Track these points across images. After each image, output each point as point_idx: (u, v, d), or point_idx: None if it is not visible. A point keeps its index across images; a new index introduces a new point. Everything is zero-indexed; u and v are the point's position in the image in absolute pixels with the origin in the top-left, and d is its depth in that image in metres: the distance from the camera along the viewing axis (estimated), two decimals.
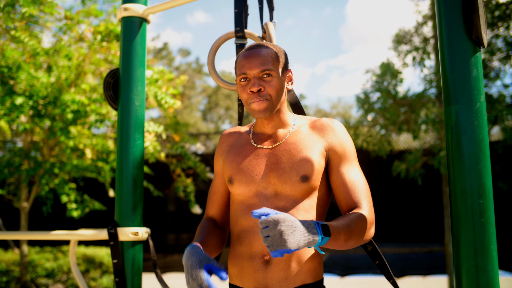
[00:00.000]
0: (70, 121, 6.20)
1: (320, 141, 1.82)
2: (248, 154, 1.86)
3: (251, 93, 1.79)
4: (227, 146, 1.95)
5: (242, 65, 1.81)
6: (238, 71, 1.83)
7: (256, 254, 1.74)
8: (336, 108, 38.42)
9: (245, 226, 1.78)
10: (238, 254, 1.79)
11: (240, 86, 1.83)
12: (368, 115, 7.71)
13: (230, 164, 1.87)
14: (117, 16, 2.65)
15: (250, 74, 1.79)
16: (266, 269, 1.72)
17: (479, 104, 1.60)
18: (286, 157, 1.80)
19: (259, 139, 1.89)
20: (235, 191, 1.83)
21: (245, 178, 1.81)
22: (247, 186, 1.80)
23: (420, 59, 7.84)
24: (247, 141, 1.91)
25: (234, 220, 1.84)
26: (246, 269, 1.75)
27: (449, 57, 1.64)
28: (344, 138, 1.84)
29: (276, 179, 1.77)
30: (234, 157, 1.88)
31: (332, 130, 1.84)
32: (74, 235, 2.83)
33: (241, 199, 1.82)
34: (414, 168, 7.29)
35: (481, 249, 1.55)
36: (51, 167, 6.52)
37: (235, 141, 1.95)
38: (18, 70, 5.93)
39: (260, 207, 1.75)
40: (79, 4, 6.79)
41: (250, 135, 1.92)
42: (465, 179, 1.59)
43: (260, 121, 1.89)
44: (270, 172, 1.79)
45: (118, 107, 2.59)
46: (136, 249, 2.44)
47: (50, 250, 9.27)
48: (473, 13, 1.59)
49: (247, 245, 1.76)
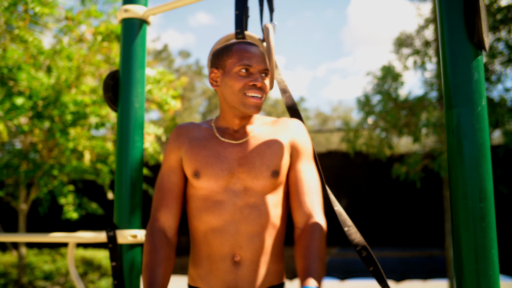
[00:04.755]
0: (69, 123, 6.19)
1: (285, 137, 1.85)
2: (214, 147, 1.79)
3: (253, 87, 1.77)
4: (187, 139, 1.84)
5: (247, 56, 1.79)
6: (239, 61, 1.78)
7: (226, 255, 1.70)
8: (337, 111, 38.43)
9: (214, 225, 1.71)
10: (206, 255, 1.72)
11: (238, 75, 1.77)
12: (368, 118, 7.70)
13: (195, 157, 1.78)
14: (117, 17, 2.65)
15: (255, 68, 1.79)
16: (237, 270, 1.70)
17: (480, 108, 1.59)
18: (255, 151, 1.79)
19: (225, 134, 1.84)
20: (201, 185, 1.75)
21: (213, 172, 1.74)
22: (216, 181, 1.74)
23: (421, 62, 7.84)
24: (211, 135, 1.84)
25: (197, 219, 1.76)
26: (215, 271, 1.70)
27: (451, 61, 1.63)
28: (305, 136, 1.90)
29: (246, 174, 1.75)
30: (199, 150, 1.80)
31: (295, 127, 1.89)
32: (73, 237, 2.82)
33: (207, 195, 1.75)
34: (414, 171, 7.28)
35: (482, 253, 1.54)
36: (50, 169, 6.51)
37: (195, 134, 1.86)
38: (19, 71, 5.93)
39: (229, 204, 1.72)
40: (80, 5, 6.79)
41: (214, 130, 1.86)
42: (466, 183, 1.57)
43: (231, 116, 1.83)
44: (239, 167, 1.76)
45: (117, 109, 2.58)
46: (135, 251, 2.43)
47: (48, 252, 9.27)
48: (475, 16, 1.58)
49: (217, 246, 1.70)
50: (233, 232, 1.71)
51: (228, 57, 1.81)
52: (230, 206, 1.72)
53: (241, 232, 1.71)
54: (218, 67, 1.84)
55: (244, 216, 1.72)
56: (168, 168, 1.85)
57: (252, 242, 1.72)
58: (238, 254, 1.71)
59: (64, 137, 6.24)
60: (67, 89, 6.31)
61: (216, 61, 1.85)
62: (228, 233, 1.70)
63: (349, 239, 1.93)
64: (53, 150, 6.93)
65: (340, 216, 1.98)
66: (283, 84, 2.20)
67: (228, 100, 1.80)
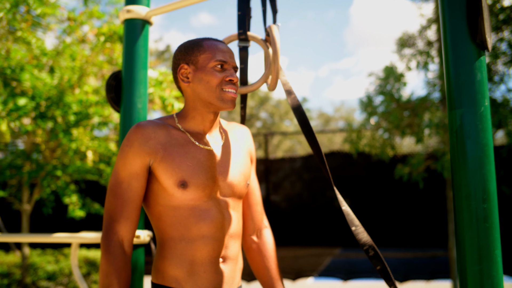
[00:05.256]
0: (72, 123, 6.20)
1: (246, 146, 1.96)
2: (196, 155, 1.76)
3: (229, 82, 1.79)
4: (159, 144, 1.73)
5: (222, 51, 1.81)
6: (214, 56, 1.79)
7: (216, 257, 1.75)
8: (339, 112, 38.39)
9: (205, 232, 1.72)
10: (190, 259, 1.72)
11: (215, 71, 1.78)
12: (371, 119, 7.69)
13: (178, 166, 1.71)
14: (119, 18, 2.65)
15: (229, 64, 1.82)
16: (222, 270, 1.76)
17: (483, 108, 1.59)
18: (231, 160, 1.84)
19: (199, 139, 1.81)
20: (187, 196, 1.72)
21: (201, 181, 1.73)
22: (204, 190, 1.73)
23: (423, 62, 7.82)
24: (186, 141, 1.77)
25: (185, 227, 1.72)
26: (202, 273, 1.72)
27: (453, 61, 1.63)
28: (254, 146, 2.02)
29: (225, 182, 1.79)
30: (182, 158, 1.73)
31: (249, 136, 2.01)
32: (76, 238, 2.82)
33: (193, 204, 1.73)
34: (417, 172, 7.27)
35: (485, 254, 1.53)
36: (53, 169, 6.52)
37: (167, 138, 1.75)
38: (22, 71, 5.94)
39: (215, 211, 1.75)
40: (82, 6, 6.80)
41: (188, 135, 1.80)
42: (469, 183, 1.57)
43: (204, 115, 1.82)
44: (219, 175, 1.79)
45: (120, 110, 2.58)
46: (138, 252, 2.43)
47: (51, 252, 9.28)
48: (478, 16, 1.58)
49: (208, 251, 1.73)
50: (221, 237, 1.75)
51: (201, 53, 1.81)
52: (217, 213, 1.76)
53: (227, 235, 1.77)
54: (189, 63, 1.81)
55: (228, 221, 1.78)
56: (129, 174, 1.71)
57: (234, 243, 1.81)
58: (224, 255, 1.77)
59: (67, 137, 6.25)
60: (70, 90, 6.32)
61: (186, 56, 1.82)
62: (218, 238, 1.75)
63: (356, 238, 1.95)
64: (56, 151, 6.95)
65: (348, 216, 2.00)
66: (288, 85, 2.20)
67: (203, 96, 1.79)
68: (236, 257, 1.81)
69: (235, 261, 1.81)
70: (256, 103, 30.60)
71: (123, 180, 1.71)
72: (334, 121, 37.39)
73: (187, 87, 1.82)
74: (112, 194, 1.72)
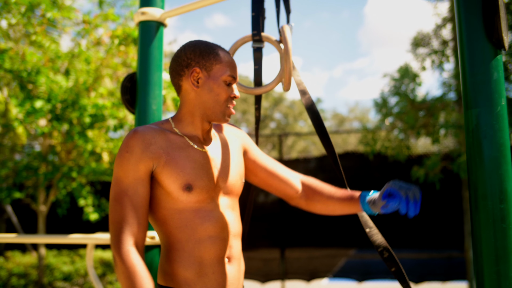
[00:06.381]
0: (87, 125, 6.25)
1: (236, 143, 1.96)
2: (197, 158, 1.76)
3: (233, 99, 1.81)
4: (160, 149, 1.71)
5: (233, 66, 1.81)
6: (229, 71, 1.79)
7: (222, 257, 1.75)
8: (354, 112, 38.25)
9: (211, 233, 1.72)
10: (199, 261, 1.71)
11: (225, 85, 1.78)
12: (386, 119, 7.66)
13: (182, 169, 1.70)
14: (134, 20, 2.67)
15: (236, 80, 1.84)
16: (228, 269, 1.76)
17: (500, 108, 1.57)
18: (226, 161, 1.85)
19: (196, 142, 1.80)
20: (192, 198, 1.71)
21: (204, 184, 1.73)
22: (207, 192, 1.74)
23: (439, 62, 7.77)
24: (186, 144, 1.76)
25: (191, 229, 1.71)
26: (211, 275, 1.72)
27: (469, 60, 1.62)
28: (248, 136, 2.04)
29: (224, 183, 1.81)
30: (185, 161, 1.72)
31: (239, 131, 2.02)
32: (92, 238, 2.84)
33: (198, 206, 1.73)
34: (433, 173, 7.22)
35: (502, 255, 1.52)
36: (69, 171, 6.57)
37: (166, 143, 1.74)
38: (38, 74, 6.00)
39: (217, 211, 1.76)
40: (97, 9, 6.85)
41: (186, 138, 1.78)
42: (486, 184, 1.56)
43: (201, 121, 1.81)
44: (219, 176, 1.80)
45: (135, 111, 2.60)
46: (153, 253, 2.44)
47: (67, 253, 9.35)
48: (494, 15, 1.56)
49: (216, 251, 1.73)
50: (225, 236, 1.76)
51: (217, 62, 1.78)
52: (220, 213, 1.76)
53: (230, 235, 1.78)
54: (202, 68, 1.77)
55: (229, 220, 1.79)
56: (133, 181, 1.67)
57: (237, 242, 1.82)
58: (229, 255, 1.78)
59: (82, 139, 6.30)
60: (85, 92, 6.37)
61: (200, 60, 1.78)
62: (223, 238, 1.75)
63: (371, 240, 1.95)
64: (72, 152, 7.00)
65: (362, 218, 2.00)
66: (302, 85, 2.20)
67: (208, 106, 1.77)
68: (239, 257, 1.82)
69: (239, 261, 1.81)
70: (270, 104, 30.59)
71: (128, 188, 1.67)
72: (349, 121, 37.26)
73: (192, 91, 1.78)
74: (118, 203, 1.66)
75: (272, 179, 1.99)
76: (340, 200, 1.91)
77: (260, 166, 1.98)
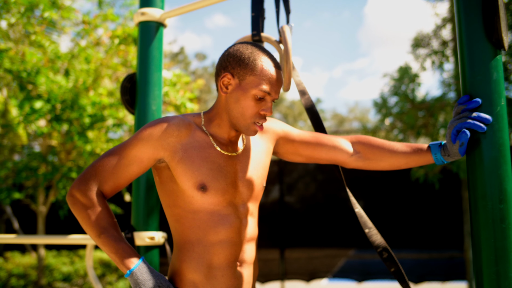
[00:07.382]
0: (87, 126, 6.24)
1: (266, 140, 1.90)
2: (216, 160, 1.73)
3: (262, 116, 1.73)
4: (179, 144, 1.70)
5: (271, 82, 1.70)
6: (263, 85, 1.69)
7: (233, 262, 1.73)
8: (354, 112, 38.27)
9: (223, 237, 1.71)
10: (208, 263, 1.70)
11: (254, 99, 1.70)
12: (386, 120, 7.66)
13: (198, 169, 1.69)
14: (134, 20, 2.67)
15: (271, 97, 1.73)
16: (240, 274, 1.75)
17: (499, 108, 1.57)
18: (251, 165, 1.81)
19: (221, 144, 1.77)
20: (206, 200, 1.70)
21: (220, 186, 1.70)
22: (223, 195, 1.71)
23: (438, 62, 7.77)
24: (208, 144, 1.74)
25: (203, 231, 1.71)
26: (220, 278, 1.70)
27: (469, 60, 1.62)
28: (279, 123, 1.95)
29: (246, 188, 1.78)
30: (202, 161, 1.70)
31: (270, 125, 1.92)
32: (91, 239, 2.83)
33: (213, 209, 1.71)
34: (433, 173, 7.22)
35: (502, 255, 1.52)
36: (68, 171, 6.57)
37: (189, 139, 1.72)
38: (37, 74, 5.99)
39: (234, 216, 1.73)
40: (96, 9, 6.85)
41: (211, 139, 1.76)
42: (485, 184, 1.56)
43: (228, 127, 1.78)
44: (239, 181, 1.77)
45: (135, 112, 2.60)
46: (153, 253, 2.44)
47: (67, 254, 9.35)
48: (494, 15, 1.56)
49: (226, 255, 1.71)
50: (238, 241, 1.74)
51: (251, 73, 1.69)
52: (235, 218, 1.74)
53: (244, 240, 1.77)
54: (235, 75, 1.71)
55: (245, 226, 1.77)
56: (134, 157, 1.68)
57: (251, 247, 1.79)
58: (241, 259, 1.76)
59: (82, 139, 6.29)
60: (85, 92, 6.37)
61: (236, 67, 1.71)
62: (236, 243, 1.73)
63: (370, 240, 1.95)
64: (71, 153, 7.00)
65: (361, 218, 2.00)
66: (301, 85, 2.20)
67: (233, 115, 1.73)
68: (252, 261, 1.80)
69: (252, 265, 1.80)
70: None
71: (126, 157, 1.68)
72: (348, 121, 37.27)
73: (222, 95, 1.75)
74: (109, 158, 1.68)
75: (318, 152, 1.92)
76: (406, 154, 1.82)
77: (301, 145, 1.92)
